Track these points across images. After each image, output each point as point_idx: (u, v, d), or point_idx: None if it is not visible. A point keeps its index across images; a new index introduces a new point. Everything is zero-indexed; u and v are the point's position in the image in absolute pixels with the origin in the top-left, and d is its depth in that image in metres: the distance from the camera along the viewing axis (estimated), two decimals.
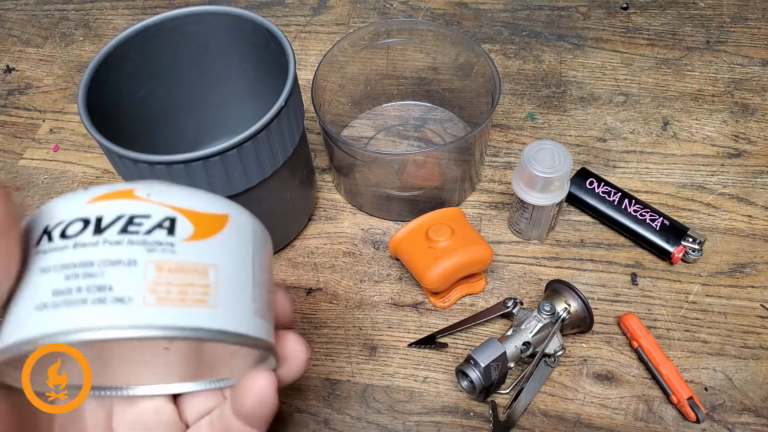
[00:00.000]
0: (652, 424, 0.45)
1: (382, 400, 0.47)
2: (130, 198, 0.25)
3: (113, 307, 0.22)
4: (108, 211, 0.24)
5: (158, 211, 0.25)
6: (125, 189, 0.25)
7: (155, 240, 0.24)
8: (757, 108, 0.62)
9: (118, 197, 0.24)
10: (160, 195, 0.25)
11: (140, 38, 0.47)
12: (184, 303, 0.24)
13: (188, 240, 0.25)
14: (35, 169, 0.63)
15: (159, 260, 0.24)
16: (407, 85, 0.63)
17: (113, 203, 0.24)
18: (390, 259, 0.54)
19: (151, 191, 0.25)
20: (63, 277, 0.23)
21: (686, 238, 0.51)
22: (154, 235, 0.24)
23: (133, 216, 0.24)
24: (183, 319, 0.23)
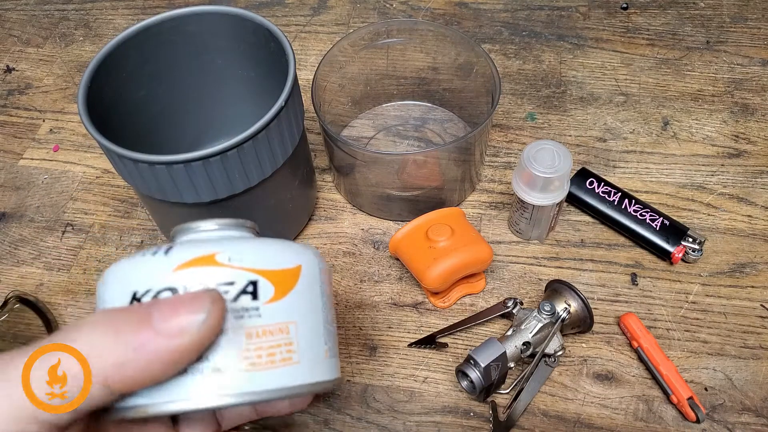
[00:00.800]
0: (652, 424, 0.45)
1: (382, 400, 0.47)
2: (213, 264, 0.25)
3: (211, 377, 0.24)
4: (195, 281, 0.25)
5: (241, 276, 0.25)
6: (207, 255, 0.25)
7: (242, 306, 0.25)
8: (757, 108, 0.62)
9: (201, 264, 0.25)
10: (240, 258, 0.26)
11: (140, 38, 0.47)
12: (273, 365, 0.25)
13: (270, 302, 0.26)
14: (35, 169, 0.63)
15: (248, 327, 0.25)
16: (407, 85, 0.63)
17: (198, 271, 0.25)
18: (390, 259, 0.54)
19: (232, 254, 0.26)
20: None
21: (686, 238, 0.51)
22: (241, 301, 0.25)
23: (219, 285, 0.25)
24: (275, 381, 0.25)
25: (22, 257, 0.57)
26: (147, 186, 0.42)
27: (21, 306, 0.52)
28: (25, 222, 0.59)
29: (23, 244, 0.58)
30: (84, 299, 0.53)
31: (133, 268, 0.26)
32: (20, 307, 0.52)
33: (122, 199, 0.60)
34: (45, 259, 0.56)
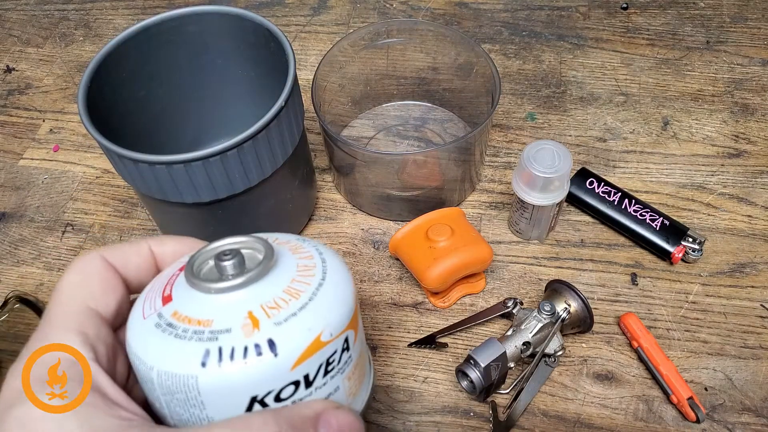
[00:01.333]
0: (652, 424, 0.45)
1: (382, 400, 0.47)
2: (321, 347, 0.27)
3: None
4: (311, 368, 0.26)
5: (339, 342, 0.28)
6: (314, 340, 0.26)
7: (344, 362, 0.28)
8: (757, 108, 0.62)
9: (314, 351, 0.26)
10: (336, 328, 0.27)
11: (140, 38, 0.47)
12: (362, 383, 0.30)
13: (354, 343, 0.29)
14: (35, 169, 0.63)
15: (348, 374, 0.29)
16: (407, 85, 0.63)
17: (312, 359, 0.26)
18: (390, 259, 0.54)
19: (332, 329, 0.27)
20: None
21: (686, 238, 0.51)
22: (343, 359, 0.28)
23: (328, 359, 0.27)
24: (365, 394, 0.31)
25: (22, 257, 0.57)
26: (147, 186, 0.42)
27: (21, 306, 0.52)
28: (25, 222, 0.59)
29: (23, 244, 0.58)
30: None
31: (244, 377, 0.25)
32: (20, 307, 0.52)
33: (122, 199, 0.60)
34: (45, 259, 0.56)
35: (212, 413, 0.26)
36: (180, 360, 0.25)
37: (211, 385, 0.25)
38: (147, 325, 0.27)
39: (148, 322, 0.27)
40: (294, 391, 0.26)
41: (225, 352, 0.25)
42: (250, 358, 0.25)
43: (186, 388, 0.25)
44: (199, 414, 0.26)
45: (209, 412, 0.26)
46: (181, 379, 0.25)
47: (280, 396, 0.26)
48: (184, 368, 0.25)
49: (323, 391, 0.27)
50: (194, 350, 0.25)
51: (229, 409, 0.25)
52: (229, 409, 0.25)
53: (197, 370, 0.25)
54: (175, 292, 0.28)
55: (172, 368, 0.25)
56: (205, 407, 0.25)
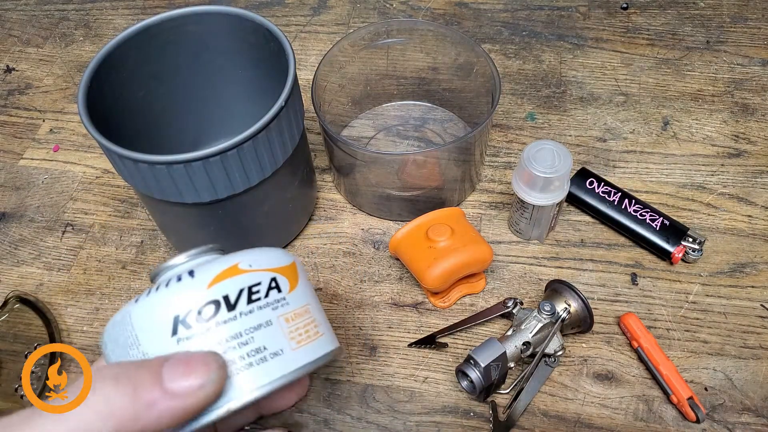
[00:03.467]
0: (652, 424, 0.45)
1: (382, 400, 0.47)
2: (238, 273, 0.29)
3: (274, 361, 0.28)
4: (229, 289, 0.28)
5: (264, 276, 0.30)
6: (231, 266, 0.29)
7: (274, 300, 0.30)
8: (757, 108, 0.62)
9: (230, 275, 0.29)
10: (257, 263, 0.30)
11: (140, 38, 0.47)
12: (311, 339, 0.30)
13: (290, 292, 0.31)
14: (35, 169, 0.63)
15: (284, 314, 0.30)
16: (407, 85, 0.63)
17: (229, 281, 0.28)
18: (390, 259, 0.54)
19: (250, 261, 0.30)
20: (222, 351, 0.27)
21: (686, 238, 0.51)
22: (271, 296, 0.30)
23: (250, 286, 0.29)
24: (317, 351, 0.30)
25: (22, 257, 0.57)
26: (147, 186, 0.42)
27: (21, 306, 0.52)
28: (25, 222, 0.59)
29: (23, 244, 0.58)
30: (84, 299, 0.53)
31: (165, 299, 0.28)
32: (20, 307, 0.52)
33: (122, 199, 0.60)
34: (45, 259, 0.56)
35: (145, 346, 0.28)
36: (121, 310, 0.29)
37: (140, 315, 0.28)
38: None
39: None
40: (215, 311, 0.28)
41: (152, 289, 0.29)
42: (171, 284, 0.28)
43: (124, 327, 0.28)
44: (136, 353, 0.28)
45: (143, 346, 0.28)
46: (120, 321, 0.28)
47: (201, 315, 0.27)
48: (122, 312, 0.29)
49: (250, 318, 0.28)
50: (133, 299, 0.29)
51: (157, 335, 0.27)
52: (157, 336, 0.27)
53: (131, 307, 0.28)
54: None
55: (115, 317, 0.29)
56: (139, 341, 0.28)
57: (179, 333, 0.27)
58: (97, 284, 0.54)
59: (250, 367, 0.28)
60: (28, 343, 0.50)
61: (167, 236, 0.55)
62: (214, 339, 0.27)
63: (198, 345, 0.27)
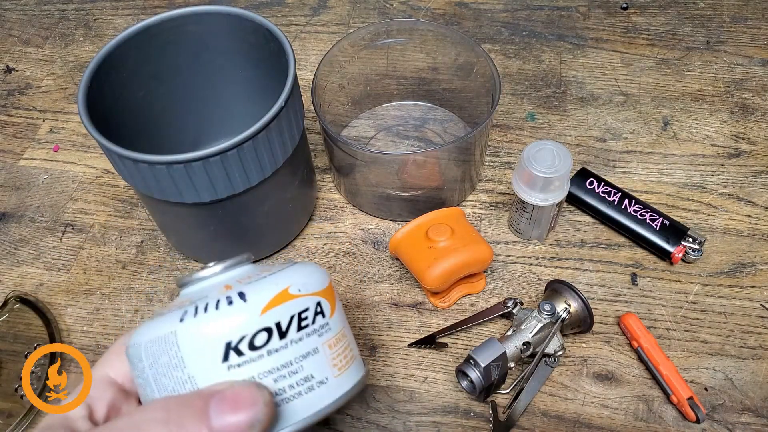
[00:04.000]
0: (652, 424, 0.45)
1: (382, 400, 0.47)
2: (290, 299, 0.29)
3: (321, 389, 0.29)
4: (282, 316, 0.28)
5: (311, 302, 0.30)
6: (282, 291, 0.29)
7: (320, 326, 0.30)
8: (757, 108, 0.62)
9: (281, 301, 0.28)
10: (305, 286, 0.30)
11: (140, 38, 0.47)
12: (348, 365, 0.31)
13: (331, 316, 0.31)
14: (35, 169, 0.63)
15: (327, 341, 0.30)
16: (407, 85, 0.63)
17: (281, 308, 0.28)
18: (390, 259, 0.54)
19: (300, 285, 0.29)
20: (272, 380, 0.27)
21: (686, 238, 0.51)
22: (317, 322, 0.30)
23: (299, 313, 0.29)
24: (353, 377, 0.31)
25: (22, 257, 0.57)
26: (147, 186, 0.42)
27: (21, 306, 0.52)
28: (25, 222, 0.59)
29: (23, 244, 0.58)
30: (84, 299, 0.53)
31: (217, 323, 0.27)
32: (20, 307, 0.52)
33: (122, 199, 0.60)
34: (45, 259, 0.56)
35: (192, 369, 0.27)
36: (162, 325, 0.27)
37: (188, 337, 0.27)
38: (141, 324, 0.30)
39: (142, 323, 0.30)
40: (267, 338, 0.27)
41: (200, 308, 0.27)
42: (222, 307, 0.27)
43: (168, 347, 0.27)
44: (181, 375, 0.27)
45: (190, 369, 0.27)
46: (163, 339, 0.27)
47: (254, 343, 0.27)
48: (165, 329, 0.27)
49: (300, 347, 0.28)
50: (174, 314, 0.28)
51: (206, 360, 0.27)
52: (206, 361, 0.27)
53: (176, 326, 0.27)
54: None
55: (156, 333, 0.28)
56: (185, 364, 0.27)
57: (230, 360, 0.27)
58: (97, 284, 0.54)
59: (299, 397, 0.28)
60: (28, 343, 0.50)
61: (167, 236, 0.55)
62: (265, 367, 0.27)
63: (248, 373, 0.27)
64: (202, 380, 0.26)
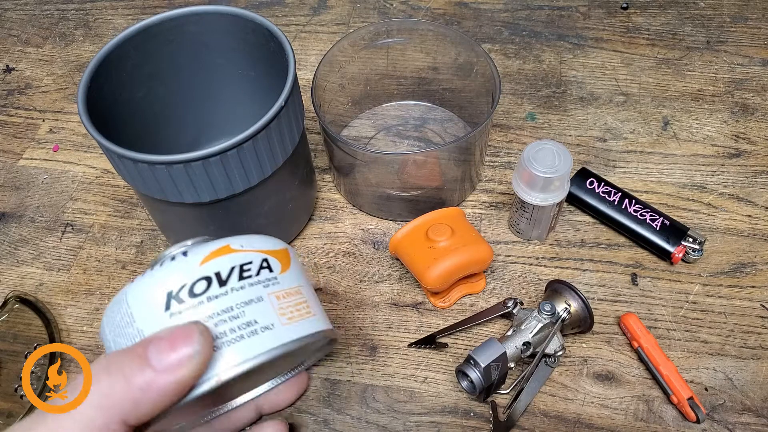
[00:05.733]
0: (652, 424, 0.45)
1: (382, 400, 0.47)
2: (230, 252, 0.30)
3: (265, 334, 0.29)
4: (221, 266, 0.29)
5: (255, 257, 0.31)
6: (223, 246, 0.30)
7: (265, 278, 0.31)
8: (757, 108, 0.62)
9: (221, 254, 0.30)
10: (249, 244, 0.31)
11: (140, 38, 0.47)
12: (302, 317, 0.31)
13: (282, 272, 0.32)
14: (35, 169, 0.63)
15: (275, 292, 0.31)
16: (407, 85, 0.63)
17: (221, 259, 0.30)
18: (390, 259, 0.54)
19: (242, 242, 0.31)
20: (213, 324, 0.28)
21: (686, 238, 0.51)
22: (262, 274, 0.31)
23: (241, 264, 0.30)
24: (307, 328, 0.31)
25: (22, 257, 0.57)
26: (147, 186, 0.42)
27: (21, 306, 0.52)
28: (25, 222, 0.59)
29: (23, 244, 0.58)
30: (84, 299, 0.53)
31: (160, 276, 0.29)
32: (20, 307, 0.52)
33: (122, 199, 0.60)
34: (45, 259, 0.56)
35: (140, 323, 0.28)
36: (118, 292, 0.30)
37: (135, 293, 0.29)
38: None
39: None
40: (207, 286, 0.29)
41: (148, 269, 0.30)
42: (165, 263, 0.29)
43: (119, 306, 0.29)
44: (131, 331, 0.29)
45: (138, 323, 0.28)
46: (117, 301, 0.29)
47: (193, 290, 0.28)
48: (120, 292, 0.30)
49: (241, 294, 0.29)
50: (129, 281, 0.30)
51: (151, 311, 0.28)
52: (151, 312, 0.28)
53: (127, 287, 0.29)
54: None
55: (113, 299, 0.30)
56: (134, 319, 0.29)
57: (172, 308, 0.28)
58: (97, 284, 0.54)
59: (241, 340, 0.28)
60: (28, 343, 0.50)
61: (167, 236, 0.55)
62: (205, 312, 0.28)
63: (189, 318, 0.28)
64: (148, 331, 0.28)
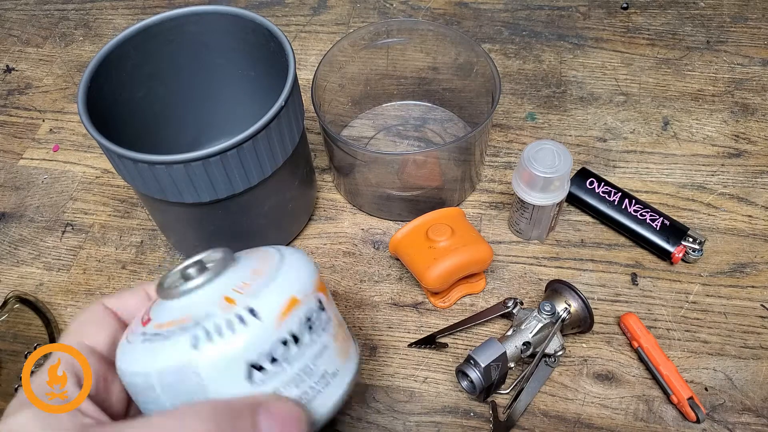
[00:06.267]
0: (652, 424, 0.45)
1: (382, 400, 0.47)
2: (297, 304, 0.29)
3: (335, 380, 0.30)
4: (294, 325, 0.28)
5: (313, 301, 0.30)
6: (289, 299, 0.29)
7: (324, 321, 0.30)
8: (757, 108, 0.62)
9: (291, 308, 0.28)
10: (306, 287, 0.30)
11: (140, 38, 0.47)
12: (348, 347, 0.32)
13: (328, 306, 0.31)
14: (35, 169, 0.63)
15: (332, 333, 0.30)
16: (407, 85, 0.63)
17: (292, 316, 0.28)
18: (390, 259, 0.54)
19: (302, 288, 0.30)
20: (295, 386, 0.28)
21: (686, 238, 0.51)
22: (322, 318, 0.30)
23: (307, 317, 0.29)
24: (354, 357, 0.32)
25: (22, 257, 0.57)
26: (147, 186, 0.42)
27: (21, 306, 0.52)
28: (25, 222, 0.59)
29: (23, 244, 0.58)
30: (84, 299, 0.53)
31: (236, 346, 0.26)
32: (20, 307, 0.52)
33: (122, 199, 0.60)
34: (45, 259, 0.56)
35: (215, 393, 0.26)
36: (173, 353, 0.26)
37: (208, 364, 0.26)
38: (133, 344, 0.28)
39: (133, 341, 0.29)
40: (285, 350, 0.27)
41: (212, 331, 0.26)
42: (237, 327, 0.27)
43: (187, 376, 0.26)
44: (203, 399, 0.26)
45: (212, 393, 0.26)
46: (179, 369, 0.26)
47: (274, 357, 0.27)
48: (179, 358, 0.26)
49: (313, 348, 0.29)
50: (184, 340, 0.26)
51: (229, 383, 0.26)
52: (230, 383, 0.26)
53: (192, 354, 0.26)
54: (153, 313, 0.30)
55: (169, 363, 0.26)
56: (207, 390, 0.26)
57: (254, 378, 0.27)
58: (97, 284, 0.54)
59: (318, 395, 0.29)
60: (28, 343, 0.50)
61: (167, 236, 0.55)
62: (287, 377, 0.27)
63: (272, 386, 0.27)
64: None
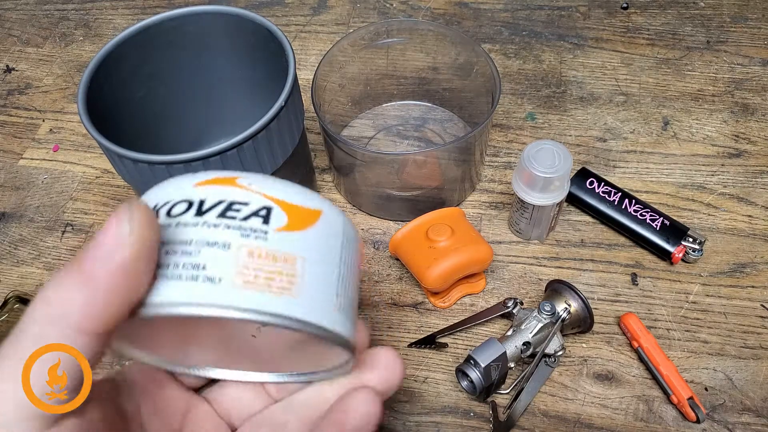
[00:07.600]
0: (652, 424, 0.45)
1: None
2: (232, 185, 0.26)
3: (203, 285, 0.24)
4: (211, 195, 0.25)
5: (256, 199, 0.26)
6: (229, 177, 0.26)
7: (250, 227, 0.25)
8: (757, 108, 0.62)
9: (221, 183, 0.26)
10: (259, 185, 0.26)
11: (140, 38, 0.47)
12: (269, 289, 0.24)
13: (281, 230, 0.25)
14: (35, 169, 0.63)
15: (251, 246, 0.25)
16: (407, 85, 0.63)
17: (217, 188, 0.26)
18: (390, 259, 0.54)
19: (253, 181, 0.26)
20: (164, 252, 0.24)
21: (686, 238, 0.51)
22: (250, 222, 0.25)
23: (233, 202, 0.25)
24: (265, 304, 0.24)
25: (22, 257, 0.57)
26: (147, 186, 0.42)
27: (21, 306, 0.52)
28: (25, 222, 0.59)
29: (23, 244, 0.58)
30: None
31: (161, 187, 0.26)
32: (20, 307, 0.52)
33: (122, 199, 0.60)
34: (45, 259, 0.56)
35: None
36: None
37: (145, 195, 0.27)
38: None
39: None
40: (185, 209, 0.25)
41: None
42: (173, 177, 0.27)
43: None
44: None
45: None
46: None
47: (171, 211, 0.25)
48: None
49: (209, 232, 0.24)
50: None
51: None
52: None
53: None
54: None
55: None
56: None
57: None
58: None
59: (177, 279, 0.24)
60: None
61: None
62: (166, 236, 0.25)
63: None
64: None
